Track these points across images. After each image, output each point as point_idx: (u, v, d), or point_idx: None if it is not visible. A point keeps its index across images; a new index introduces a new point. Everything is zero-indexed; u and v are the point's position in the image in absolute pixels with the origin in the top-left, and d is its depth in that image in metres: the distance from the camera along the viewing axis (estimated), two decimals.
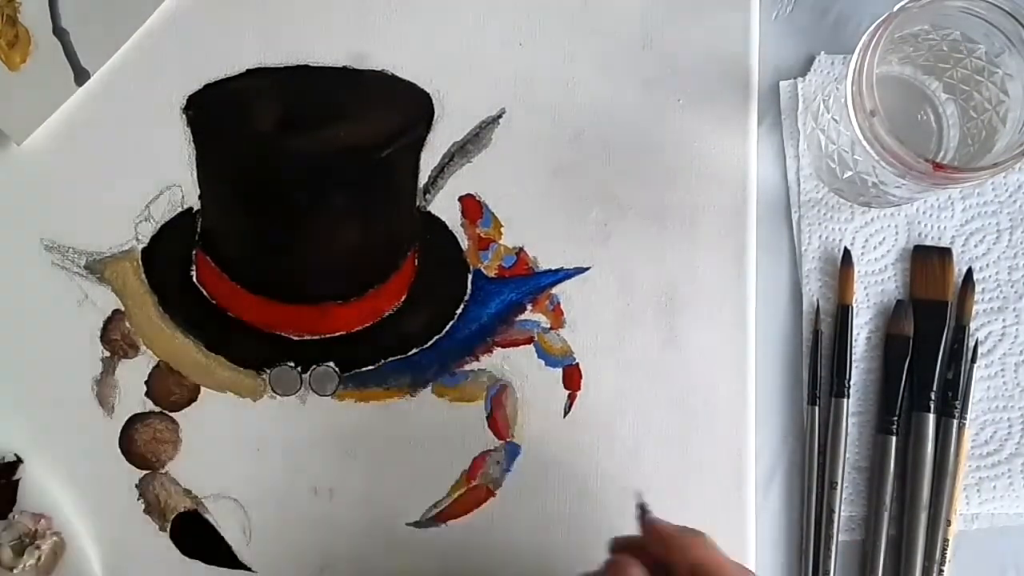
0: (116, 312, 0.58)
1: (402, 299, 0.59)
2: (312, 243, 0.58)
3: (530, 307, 0.58)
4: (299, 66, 0.59)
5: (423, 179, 0.58)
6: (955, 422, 0.57)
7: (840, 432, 0.57)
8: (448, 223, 0.59)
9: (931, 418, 0.57)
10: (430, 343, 0.58)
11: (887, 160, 0.50)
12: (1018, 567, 0.58)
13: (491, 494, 0.58)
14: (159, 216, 0.59)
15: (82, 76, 0.58)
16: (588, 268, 0.58)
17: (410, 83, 0.59)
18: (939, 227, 0.59)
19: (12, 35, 0.58)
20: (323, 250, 0.58)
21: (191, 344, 0.58)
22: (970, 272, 0.58)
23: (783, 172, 0.59)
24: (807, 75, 0.59)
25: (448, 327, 0.58)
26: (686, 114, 0.59)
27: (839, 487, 0.57)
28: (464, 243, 0.58)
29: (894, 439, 0.57)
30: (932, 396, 0.57)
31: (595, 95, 0.59)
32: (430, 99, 0.59)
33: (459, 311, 0.58)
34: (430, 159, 0.58)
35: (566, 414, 0.58)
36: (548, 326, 0.58)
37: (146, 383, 0.58)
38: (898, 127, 0.50)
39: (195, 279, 0.59)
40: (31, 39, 0.58)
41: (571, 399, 0.58)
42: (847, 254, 0.58)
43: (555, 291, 0.58)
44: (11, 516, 0.57)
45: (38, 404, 0.58)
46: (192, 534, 0.58)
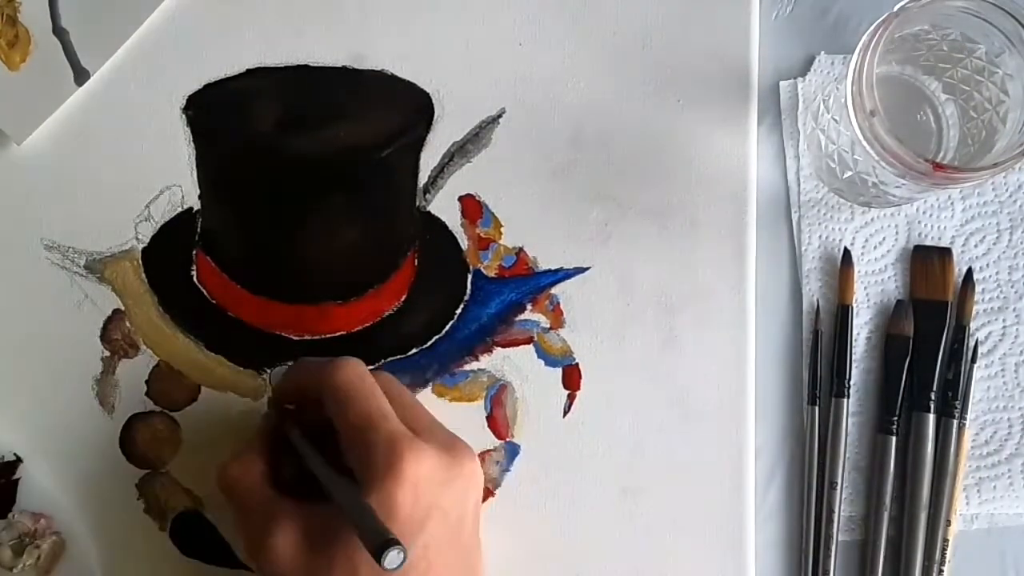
0: (116, 312, 0.58)
1: (402, 299, 0.59)
2: (312, 243, 0.58)
3: (530, 307, 0.58)
4: (299, 66, 0.59)
5: (423, 179, 0.58)
6: (955, 422, 0.57)
7: (840, 432, 0.57)
8: (448, 223, 0.58)
9: (931, 418, 0.57)
10: (430, 343, 0.58)
11: (887, 160, 0.50)
12: (1018, 567, 0.58)
13: (491, 494, 0.58)
14: (159, 216, 0.58)
15: (82, 76, 0.58)
16: (588, 268, 0.58)
17: (410, 83, 0.59)
18: (939, 227, 0.59)
19: (12, 35, 0.57)
20: (323, 250, 0.58)
21: (191, 344, 0.58)
22: (970, 272, 0.58)
23: (783, 172, 0.59)
24: (807, 75, 0.59)
25: (448, 327, 0.58)
26: (686, 114, 0.59)
27: (839, 487, 0.57)
28: (464, 243, 0.58)
29: (894, 439, 0.57)
30: (932, 396, 0.57)
31: (595, 95, 0.59)
32: (430, 99, 0.59)
33: (459, 311, 0.58)
34: (430, 159, 0.58)
35: (566, 414, 0.58)
36: (548, 326, 0.58)
37: (146, 383, 0.58)
38: (898, 127, 0.49)
39: (195, 279, 0.59)
40: (31, 39, 0.58)
41: (571, 399, 0.58)
42: (847, 254, 0.58)
43: (555, 291, 0.58)
44: (11, 516, 0.57)
45: (38, 403, 0.58)
46: (192, 534, 0.58)
